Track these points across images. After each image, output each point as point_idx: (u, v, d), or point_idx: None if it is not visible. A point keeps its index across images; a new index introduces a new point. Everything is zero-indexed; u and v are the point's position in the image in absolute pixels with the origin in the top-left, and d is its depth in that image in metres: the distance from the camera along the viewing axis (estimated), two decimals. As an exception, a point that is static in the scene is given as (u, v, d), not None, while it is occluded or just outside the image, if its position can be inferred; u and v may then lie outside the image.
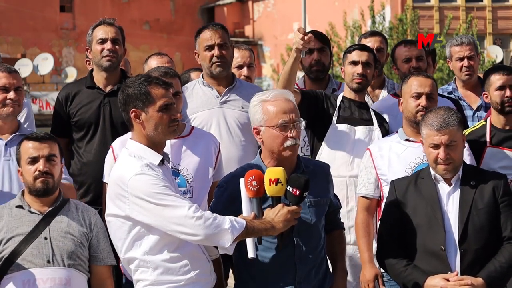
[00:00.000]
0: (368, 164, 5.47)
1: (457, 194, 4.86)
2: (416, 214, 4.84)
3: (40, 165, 4.67)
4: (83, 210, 4.79)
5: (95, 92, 6.09)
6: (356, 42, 7.27)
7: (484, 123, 5.78)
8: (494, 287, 4.72)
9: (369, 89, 6.72)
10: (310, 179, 4.43)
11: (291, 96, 4.58)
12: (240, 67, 6.79)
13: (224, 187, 4.57)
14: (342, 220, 4.91)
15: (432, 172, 4.90)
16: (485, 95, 5.82)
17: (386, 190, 5.31)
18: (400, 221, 4.88)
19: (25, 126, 5.81)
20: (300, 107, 4.83)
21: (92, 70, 6.24)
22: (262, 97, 4.54)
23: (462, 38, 7.15)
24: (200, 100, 5.98)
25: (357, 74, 5.93)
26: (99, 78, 6.13)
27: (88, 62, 6.98)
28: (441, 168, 4.83)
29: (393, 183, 5.01)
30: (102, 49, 6.04)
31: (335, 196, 4.85)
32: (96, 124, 6.02)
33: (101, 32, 6.08)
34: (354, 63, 5.96)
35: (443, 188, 4.88)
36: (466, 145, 5.21)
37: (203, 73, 6.15)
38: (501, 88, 5.69)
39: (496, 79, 5.69)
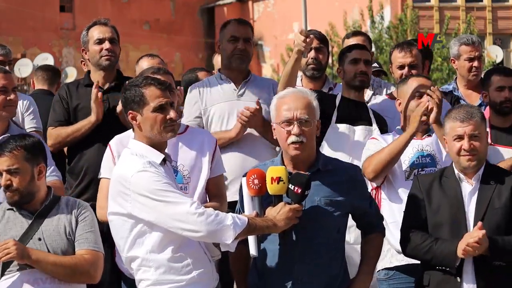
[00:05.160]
0: (378, 143, 5.46)
1: (477, 193, 4.84)
2: (439, 212, 4.81)
3: (2, 180, 4.67)
4: (73, 206, 4.75)
5: None
6: (342, 42, 7.33)
7: None
8: (493, 255, 4.67)
9: None
10: (326, 179, 4.45)
11: (308, 94, 4.56)
12: None
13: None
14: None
15: (456, 171, 4.89)
16: (484, 95, 5.87)
17: (389, 176, 5.40)
18: (423, 215, 4.86)
19: (33, 121, 5.82)
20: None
21: (89, 71, 6.27)
22: (279, 95, 4.60)
23: (472, 38, 7.13)
24: (218, 93, 6.06)
25: (360, 71, 5.97)
26: (97, 77, 6.17)
27: (83, 63, 7.01)
28: (465, 160, 4.80)
29: (417, 178, 5.01)
30: (101, 49, 6.09)
31: (371, 199, 4.77)
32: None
33: (98, 32, 6.13)
34: (356, 61, 6.00)
35: (465, 187, 4.86)
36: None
37: (220, 68, 6.22)
38: (501, 88, 5.74)
39: (496, 80, 5.78)
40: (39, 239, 4.62)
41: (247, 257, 4.56)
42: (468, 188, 4.85)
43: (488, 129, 5.71)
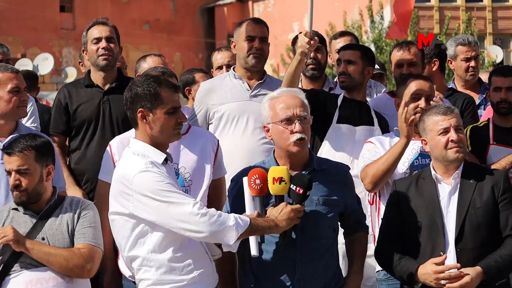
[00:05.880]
0: (373, 149, 5.45)
1: (457, 193, 4.83)
2: (417, 216, 4.82)
3: (11, 179, 4.68)
4: (77, 205, 4.76)
5: (94, 90, 6.11)
6: (329, 42, 7.31)
7: (486, 122, 5.84)
8: (493, 278, 4.68)
9: None
10: (322, 178, 4.46)
11: (299, 93, 4.60)
12: (220, 68, 7.05)
13: (236, 181, 4.61)
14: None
15: (433, 172, 4.89)
16: (487, 94, 5.91)
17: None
18: (400, 220, 4.87)
19: (31, 120, 5.76)
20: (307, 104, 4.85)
21: (89, 70, 6.24)
22: (271, 95, 4.60)
23: (468, 38, 7.15)
24: (230, 92, 6.03)
25: (339, 72, 5.99)
26: (97, 78, 6.14)
27: (81, 64, 7.00)
28: (453, 152, 4.80)
29: (394, 183, 5.01)
30: (97, 48, 6.05)
31: (357, 198, 4.81)
32: (96, 122, 6.04)
33: (96, 31, 6.10)
34: (338, 62, 6.02)
35: (444, 188, 4.85)
36: None
37: (234, 66, 6.21)
38: (497, 89, 5.78)
39: (494, 80, 5.84)
40: (43, 239, 4.63)
41: (233, 256, 4.60)
42: (447, 188, 4.84)
43: (491, 129, 5.73)
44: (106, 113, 6.04)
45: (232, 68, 6.23)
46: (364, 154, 5.50)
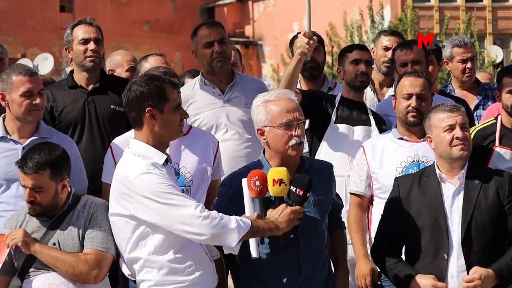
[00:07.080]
0: (361, 161, 5.50)
1: (462, 194, 4.81)
2: (420, 215, 4.81)
3: (26, 195, 4.64)
4: (89, 207, 4.71)
5: (77, 91, 6.09)
6: (375, 38, 7.28)
7: (494, 121, 5.68)
8: (504, 281, 4.69)
9: (376, 87, 6.76)
10: (314, 178, 4.45)
11: (293, 95, 4.60)
12: None
13: (228, 186, 4.58)
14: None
15: (438, 171, 4.87)
16: (497, 95, 5.76)
17: (376, 187, 5.40)
18: (400, 220, 4.86)
19: None
20: (300, 107, 4.85)
21: (72, 71, 6.21)
22: (265, 98, 4.55)
23: (464, 39, 7.14)
24: (203, 100, 6.01)
25: (361, 72, 5.98)
26: (81, 78, 6.12)
27: (71, 62, 6.99)
28: (458, 149, 4.78)
29: (397, 180, 4.99)
30: (85, 50, 6.04)
31: (337, 195, 4.85)
32: (82, 123, 6.02)
33: (83, 32, 6.08)
34: (356, 62, 6.02)
35: (448, 187, 4.83)
36: None
37: (202, 72, 6.16)
38: (511, 92, 5.61)
39: (508, 82, 5.60)
40: (54, 244, 4.61)
41: (221, 259, 4.63)
42: (452, 188, 4.82)
43: (498, 131, 5.62)
44: (92, 113, 6.03)
45: (200, 73, 6.21)
46: (354, 172, 5.54)
